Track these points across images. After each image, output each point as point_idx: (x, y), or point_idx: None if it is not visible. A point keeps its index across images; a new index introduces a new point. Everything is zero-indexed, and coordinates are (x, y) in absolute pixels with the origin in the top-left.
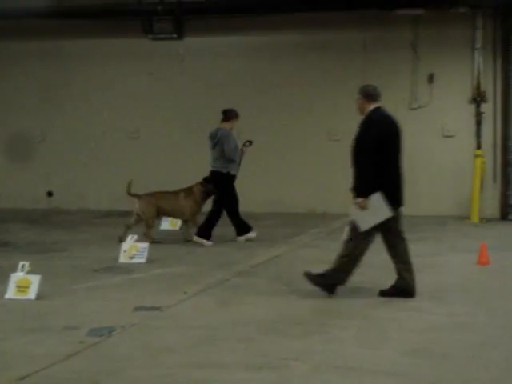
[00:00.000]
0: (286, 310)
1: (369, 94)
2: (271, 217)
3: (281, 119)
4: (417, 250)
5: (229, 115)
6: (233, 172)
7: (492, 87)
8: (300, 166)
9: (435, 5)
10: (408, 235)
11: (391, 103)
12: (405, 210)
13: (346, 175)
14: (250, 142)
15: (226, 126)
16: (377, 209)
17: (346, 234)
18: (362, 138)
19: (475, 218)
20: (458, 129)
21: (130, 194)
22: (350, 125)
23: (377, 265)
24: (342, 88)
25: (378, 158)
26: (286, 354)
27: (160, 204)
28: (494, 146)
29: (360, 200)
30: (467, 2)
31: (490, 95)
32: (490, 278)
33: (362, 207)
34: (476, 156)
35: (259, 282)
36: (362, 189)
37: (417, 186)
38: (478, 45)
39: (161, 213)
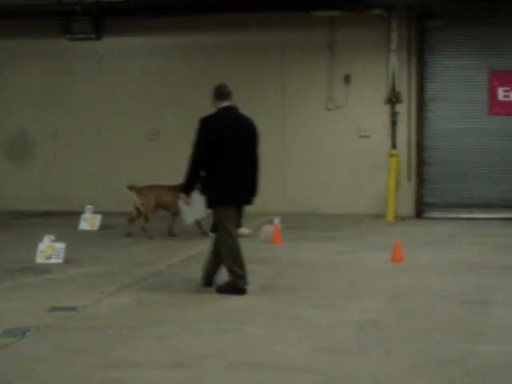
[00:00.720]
0: (201, 309)
1: (217, 93)
2: None
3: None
4: (332, 248)
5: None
6: None
7: (407, 88)
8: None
9: (351, 7)
10: (324, 233)
11: (308, 104)
12: (319, 208)
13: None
14: None
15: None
16: (197, 206)
17: (264, 233)
18: (195, 136)
19: (390, 217)
20: (373, 129)
21: (128, 187)
22: (270, 124)
23: (293, 263)
24: (260, 88)
25: (208, 157)
26: (200, 352)
27: (158, 197)
28: (409, 145)
29: (182, 196)
30: (382, 3)
31: (404, 96)
32: (403, 275)
33: (186, 203)
34: (391, 155)
35: (175, 281)
36: (184, 185)
37: (333, 186)
38: (393, 46)
39: (158, 205)
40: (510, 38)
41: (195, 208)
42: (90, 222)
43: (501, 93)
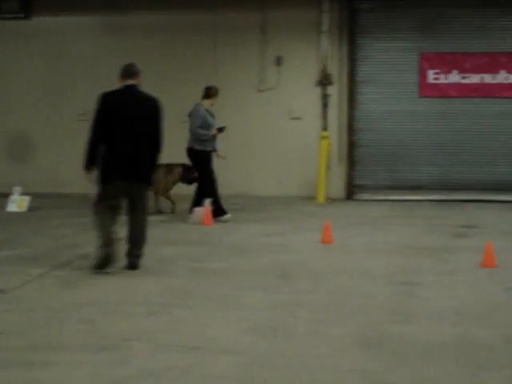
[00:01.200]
0: (129, 291)
1: (122, 71)
2: None
3: None
4: (263, 230)
5: (208, 92)
6: (202, 148)
7: (338, 70)
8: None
9: None
10: (255, 215)
11: (240, 85)
12: (251, 190)
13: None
14: (221, 129)
15: (206, 102)
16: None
17: (196, 215)
18: (94, 111)
19: (321, 199)
20: (304, 111)
21: None
22: None
23: (223, 245)
24: (192, 70)
25: (101, 133)
26: (128, 335)
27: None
28: (340, 127)
29: (84, 172)
30: None
31: (336, 78)
32: (332, 257)
33: (87, 179)
34: (322, 137)
35: None
36: (84, 162)
37: (264, 167)
38: (325, 28)
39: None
40: (441, 20)
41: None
42: (18, 203)
43: (431, 75)
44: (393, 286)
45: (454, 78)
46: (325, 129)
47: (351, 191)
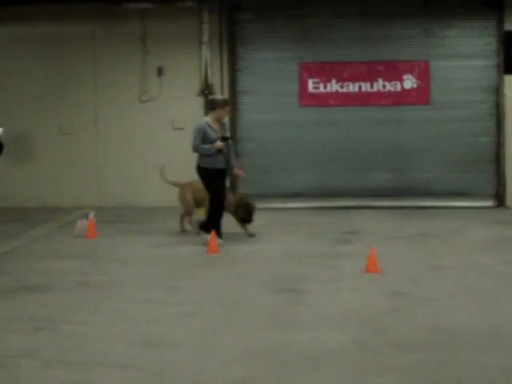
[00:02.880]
0: (14, 307)
1: None
2: (1, 212)
3: (10, 112)
4: (149, 241)
5: (210, 104)
6: (208, 166)
7: (219, 80)
8: (32, 159)
9: None
10: (141, 227)
11: (121, 96)
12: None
13: (79, 168)
14: (224, 139)
15: (211, 115)
16: None
17: (79, 227)
18: None
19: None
20: (187, 121)
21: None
22: (83, 118)
23: (109, 258)
24: (72, 81)
25: None
26: (15, 352)
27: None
28: None
29: None
30: None
31: (217, 88)
32: (220, 267)
33: None
34: None
35: None
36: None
37: (148, 178)
38: (205, 39)
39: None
40: (318, 30)
41: None
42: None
43: (311, 84)
44: (280, 293)
45: (333, 87)
46: None
47: None
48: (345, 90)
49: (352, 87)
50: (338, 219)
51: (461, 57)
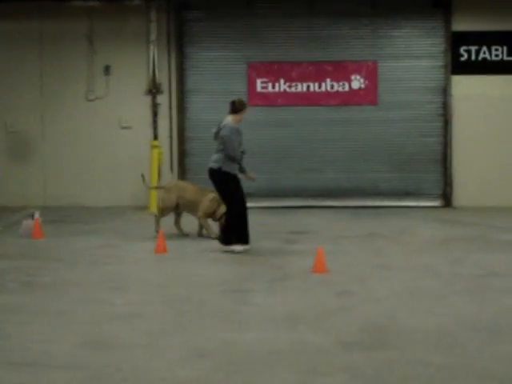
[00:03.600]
0: None
1: None
2: None
3: None
4: (96, 241)
5: (233, 107)
6: (232, 171)
7: (167, 79)
8: None
9: None
10: (88, 227)
11: (68, 95)
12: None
13: (24, 167)
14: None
15: (233, 118)
16: None
17: (25, 227)
18: None
19: (153, 208)
20: (135, 120)
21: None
22: (29, 116)
23: (55, 258)
24: (18, 80)
25: None
26: None
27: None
28: (171, 136)
29: None
30: None
31: (165, 87)
32: (167, 266)
33: None
34: (153, 147)
35: None
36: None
37: (95, 177)
38: (153, 37)
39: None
40: (267, 30)
41: None
42: None
43: (259, 84)
44: (227, 293)
45: (282, 86)
46: (155, 138)
47: None
48: (293, 89)
49: (300, 87)
50: (287, 219)
51: (409, 57)
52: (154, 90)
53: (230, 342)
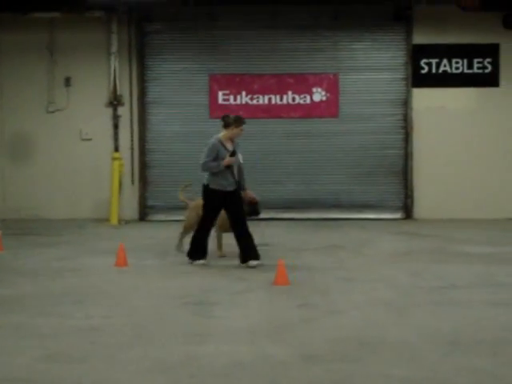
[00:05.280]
0: None
1: None
2: None
3: None
4: (55, 254)
5: (226, 121)
6: (215, 187)
7: (128, 91)
8: None
9: (70, 9)
10: (48, 239)
11: (28, 107)
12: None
13: None
14: (233, 153)
15: (225, 133)
16: None
17: None
18: None
19: (114, 220)
20: (95, 132)
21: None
22: None
23: (14, 271)
24: None
25: None
26: None
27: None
28: (132, 148)
29: None
30: (102, 6)
31: (126, 99)
32: (127, 280)
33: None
34: (114, 159)
35: None
36: None
37: (55, 190)
38: (114, 49)
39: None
40: (228, 42)
41: None
42: None
43: (221, 96)
44: (189, 306)
45: (243, 99)
46: (116, 150)
47: (144, 212)
48: (255, 102)
49: (262, 99)
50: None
51: (369, 70)
52: (114, 101)
53: (192, 355)
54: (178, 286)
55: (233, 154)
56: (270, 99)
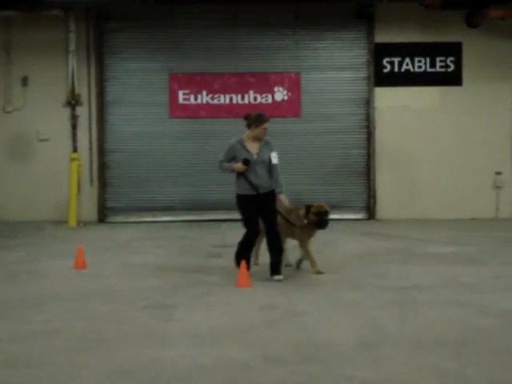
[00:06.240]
0: None
1: None
2: None
3: None
4: (12, 257)
5: (248, 121)
6: (238, 191)
7: (87, 90)
8: None
9: (27, 7)
10: (4, 242)
11: None
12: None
13: None
14: (246, 162)
15: (247, 133)
16: None
17: None
18: None
19: (73, 222)
20: (53, 132)
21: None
22: None
23: None
24: None
25: None
26: None
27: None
28: (90, 149)
29: None
30: (59, 4)
31: (85, 98)
32: (86, 282)
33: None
34: (72, 159)
35: None
36: None
37: (13, 191)
38: (72, 48)
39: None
40: (188, 41)
41: None
42: None
43: (181, 96)
44: (149, 308)
45: (204, 98)
46: (75, 150)
47: (104, 214)
48: (216, 101)
49: (223, 99)
50: (210, 233)
51: (332, 69)
52: (73, 101)
53: (153, 358)
54: (138, 289)
55: (245, 162)
56: (231, 99)
